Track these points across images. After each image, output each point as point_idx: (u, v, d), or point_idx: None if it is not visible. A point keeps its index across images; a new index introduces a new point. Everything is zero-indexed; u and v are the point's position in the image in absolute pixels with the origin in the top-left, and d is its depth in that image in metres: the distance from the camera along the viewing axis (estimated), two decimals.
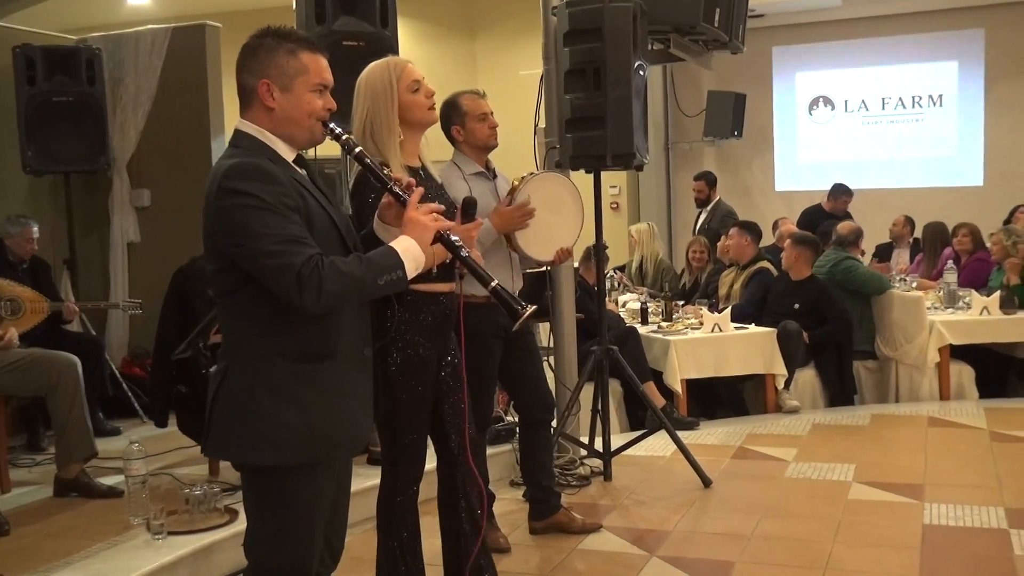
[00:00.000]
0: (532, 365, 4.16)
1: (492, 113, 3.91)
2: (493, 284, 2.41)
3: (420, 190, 2.42)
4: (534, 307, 2.42)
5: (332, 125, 2.39)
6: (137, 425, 5.98)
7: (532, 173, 4.02)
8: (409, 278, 2.29)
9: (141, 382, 6.39)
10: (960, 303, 6.94)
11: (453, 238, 2.39)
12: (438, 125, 3.47)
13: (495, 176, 3.98)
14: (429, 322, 3.04)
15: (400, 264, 2.26)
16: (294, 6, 4.86)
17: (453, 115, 3.86)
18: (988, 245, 7.52)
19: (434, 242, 2.35)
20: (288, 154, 2.36)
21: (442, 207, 2.44)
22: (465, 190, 3.76)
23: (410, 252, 2.28)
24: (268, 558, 2.38)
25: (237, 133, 2.36)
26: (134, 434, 4.32)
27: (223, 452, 2.44)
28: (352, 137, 2.45)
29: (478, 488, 3.19)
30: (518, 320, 2.39)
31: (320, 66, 2.35)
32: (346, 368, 2.38)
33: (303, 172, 2.39)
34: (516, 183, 3.90)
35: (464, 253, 2.40)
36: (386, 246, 2.31)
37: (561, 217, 4.02)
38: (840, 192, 9.21)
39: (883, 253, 9.02)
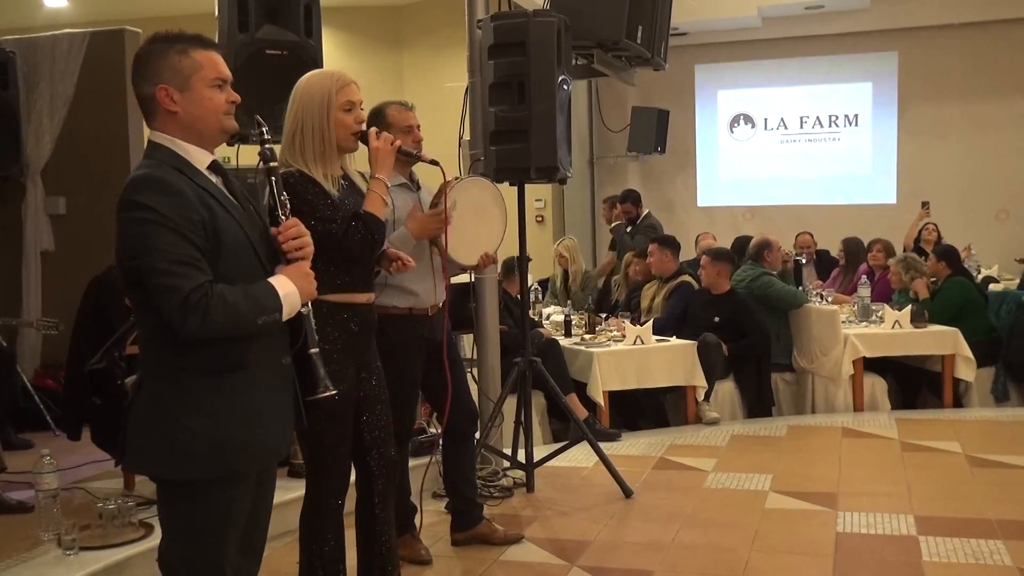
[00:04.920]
0: (455, 376, 4.15)
1: (419, 127, 3.91)
2: (313, 350, 2.46)
3: (303, 241, 2.43)
4: (335, 392, 2.50)
5: (264, 128, 2.46)
6: (50, 438, 5.81)
7: (457, 178, 4.01)
8: (284, 320, 2.33)
9: (54, 394, 6.20)
10: (873, 317, 7.13)
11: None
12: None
13: (419, 188, 3.97)
14: (344, 332, 3.02)
15: (279, 307, 2.29)
16: (216, 13, 4.79)
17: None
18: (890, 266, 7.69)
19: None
20: (202, 160, 2.33)
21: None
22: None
23: (290, 299, 2.32)
24: (179, 570, 2.34)
25: (150, 144, 2.32)
26: (46, 447, 4.19)
27: (137, 466, 2.40)
28: (271, 148, 2.52)
29: (388, 515, 3.18)
30: (314, 396, 2.47)
31: (214, 61, 2.33)
32: (261, 378, 2.34)
33: (217, 180, 2.36)
34: (443, 188, 3.89)
35: (303, 311, 2.42)
36: (271, 286, 2.31)
37: (485, 222, 3.99)
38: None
39: (796, 273, 8.92)
